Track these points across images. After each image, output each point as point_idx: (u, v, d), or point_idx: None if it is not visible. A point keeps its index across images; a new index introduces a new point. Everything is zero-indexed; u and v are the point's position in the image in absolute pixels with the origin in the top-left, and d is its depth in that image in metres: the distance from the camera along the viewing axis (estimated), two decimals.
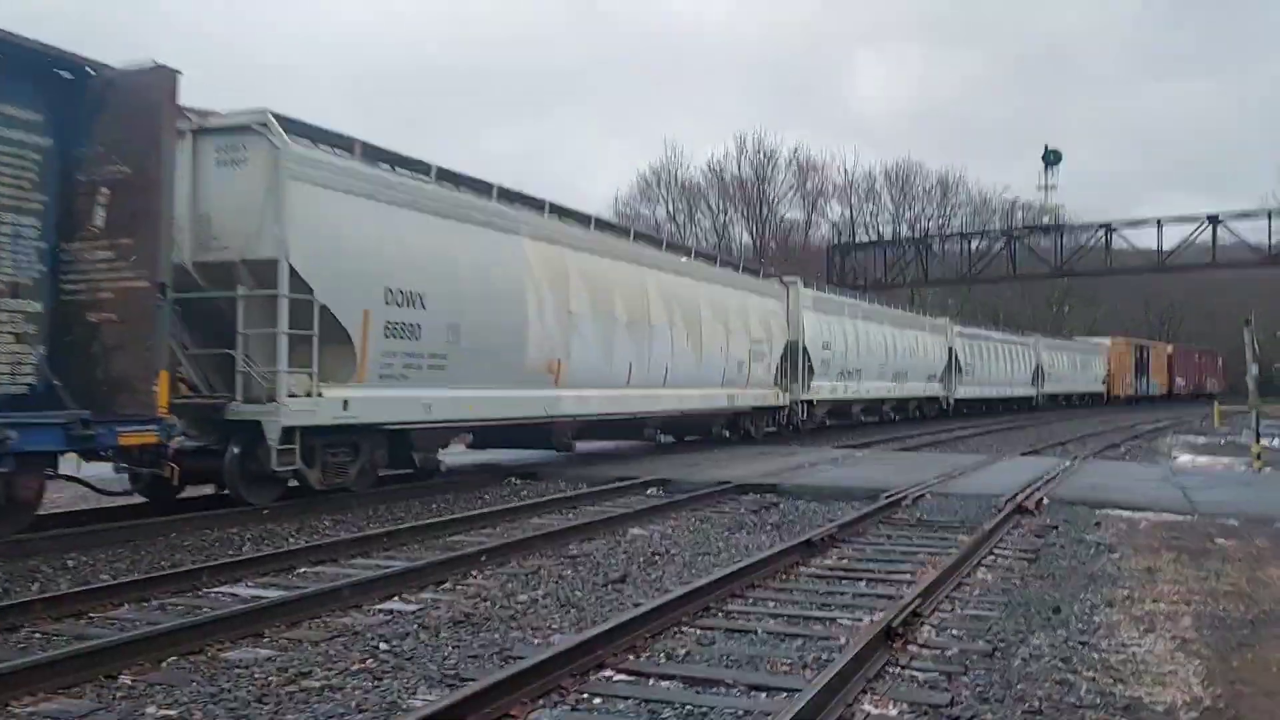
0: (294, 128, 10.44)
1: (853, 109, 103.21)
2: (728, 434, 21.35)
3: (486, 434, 15.55)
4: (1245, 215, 39.06)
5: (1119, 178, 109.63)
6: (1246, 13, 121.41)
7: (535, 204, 14.57)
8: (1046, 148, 45.40)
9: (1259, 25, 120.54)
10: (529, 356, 13.69)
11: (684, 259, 19.20)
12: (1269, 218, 38.62)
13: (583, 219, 16.05)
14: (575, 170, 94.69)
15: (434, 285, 11.83)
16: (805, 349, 23.96)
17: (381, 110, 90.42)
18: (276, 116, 10.19)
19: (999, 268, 45.53)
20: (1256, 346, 18.70)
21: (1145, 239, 41.52)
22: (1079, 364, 53.01)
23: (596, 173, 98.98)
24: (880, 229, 61.63)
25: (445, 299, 12.00)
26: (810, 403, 24.51)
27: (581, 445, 17.20)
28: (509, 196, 13.87)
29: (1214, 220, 37.90)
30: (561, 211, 15.32)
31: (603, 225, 16.79)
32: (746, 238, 61.66)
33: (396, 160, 11.96)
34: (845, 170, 66.87)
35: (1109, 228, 40.91)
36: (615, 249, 16.46)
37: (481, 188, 13.35)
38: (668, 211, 61.75)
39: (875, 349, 29.03)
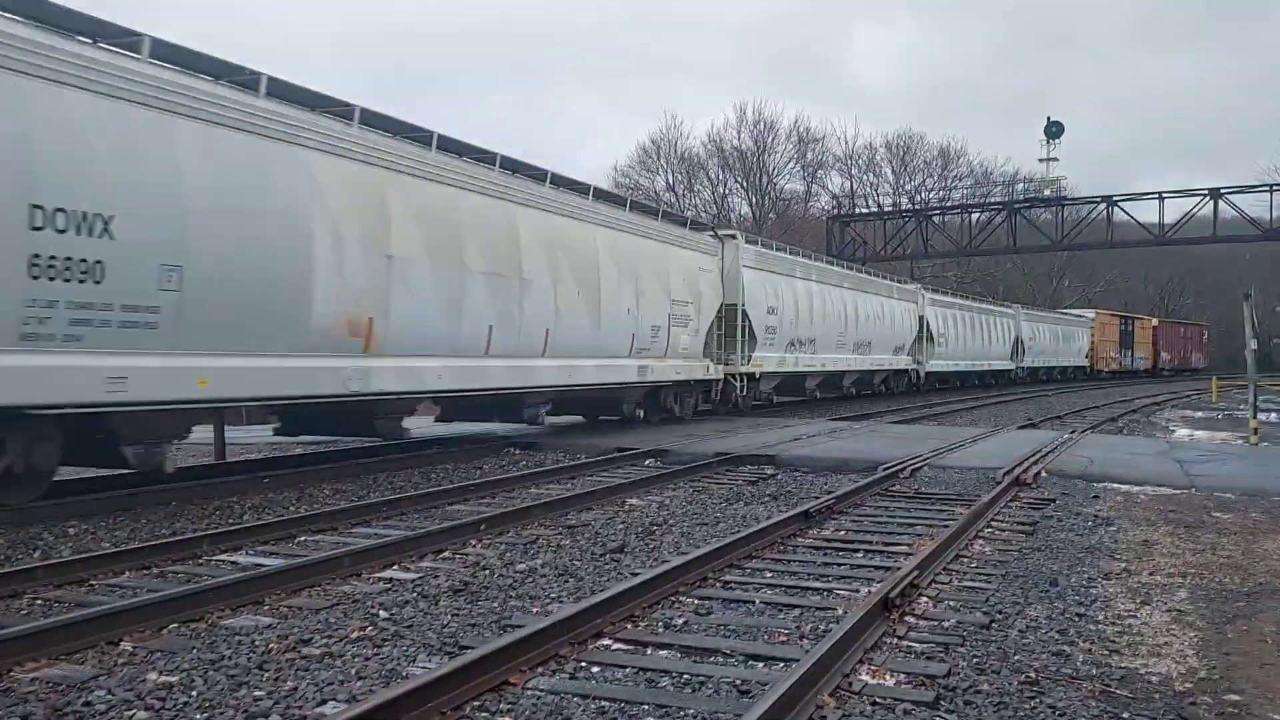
0: None
1: (851, 83, 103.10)
2: (642, 414, 17.91)
3: (289, 416, 12.28)
4: (1246, 189, 38.91)
5: (1118, 151, 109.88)
6: None
7: (338, 109, 10.90)
8: (1049, 119, 44.84)
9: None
10: (316, 314, 10.24)
11: (579, 199, 15.32)
12: (1270, 192, 38.49)
13: (421, 137, 12.16)
14: (575, 139, 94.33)
15: (133, 206, 8.43)
16: (746, 314, 20.67)
17: (380, 74, 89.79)
18: None
19: (999, 240, 45.40)
20: (1256, 320, 18.68)
21: (1146, 213, 41.39)
22: (1061, 337, 51.35)
23: (596, 142, 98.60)
24: (880, 200, 61.45)
25: (153, 227, 8.61)
26: (752, 376, 21.33)
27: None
28: (286, 94, 10.22)
29: (1215, 194, 37.76)
30: (382, 124, 11.56)
31: (452, 147, 12.73)
32: (746, 209, 61.50)
33: (63, 16, 8.39)
34: (845, 141, 66.54)
35: (1110, 201, 40.75)
36: (471, 179, 12.78)
37: (239, 79, 9.72)
38: (667, 182, 61.49)
39: (833, 316, 26.03)
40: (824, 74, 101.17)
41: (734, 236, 21.30)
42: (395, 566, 6.76)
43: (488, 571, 6.67)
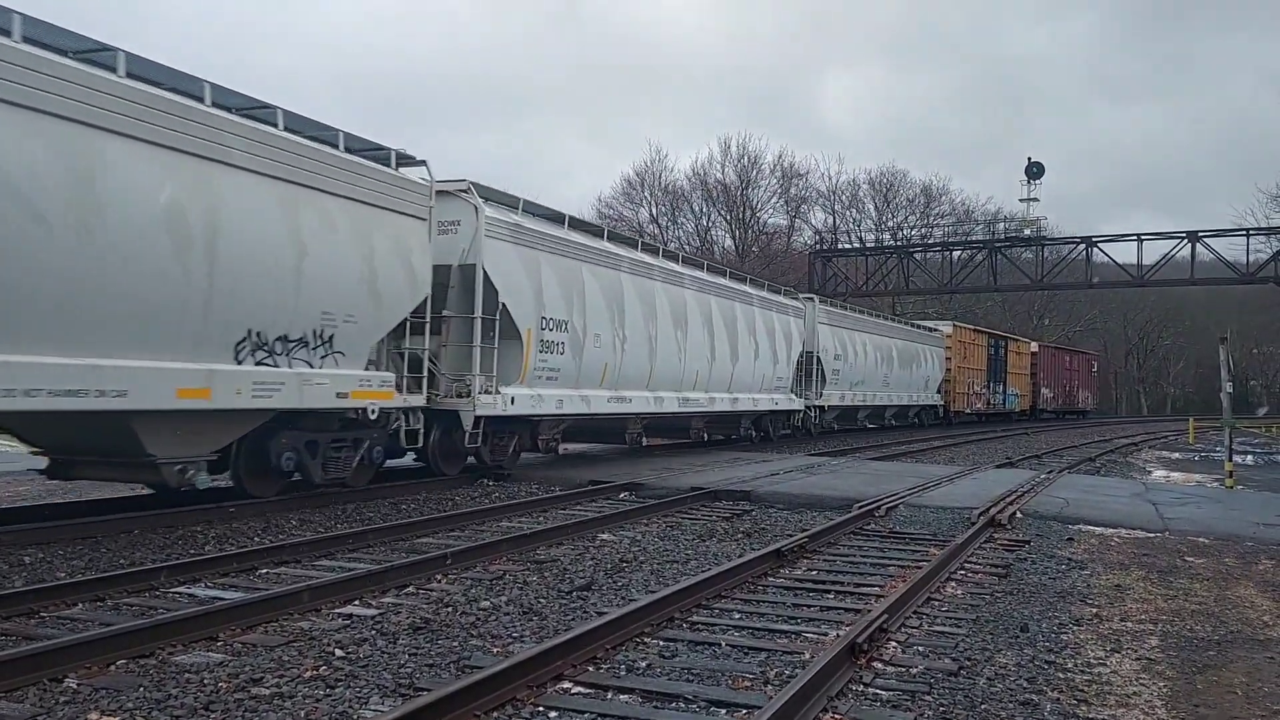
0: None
1: (825, 125, 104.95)
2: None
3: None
4: (1223, 233, 39.32)
5: (1083, 195, 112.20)
6: (1194, 41, 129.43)
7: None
8: (1029, 160, 45.17)
9: (1206, 52, 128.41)
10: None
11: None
12: (1248, 236, 38.92)
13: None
14: (557, 174, 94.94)
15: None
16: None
17: (368, 111, 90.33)
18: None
19: (980, 278, 45.66)
20: (1232, 363, 18.79)
21: (1124, 254, 41.74)
22: (897, 359, 33.45)
23: (579, 176, 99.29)
24: (863, 236, 61.76)
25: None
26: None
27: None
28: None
29: (1193, 237, 38.13)
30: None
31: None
32: (729, 242, 61.67)
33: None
34: (829, 177, 67.00)
35: (1089, 242, 41.09)
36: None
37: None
38: (650, 214, 61.67)
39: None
40: (797, 117, 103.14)
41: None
42: (356, 602, 6.62)
43: (450, 609, 6.54)
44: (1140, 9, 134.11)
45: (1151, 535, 10.97)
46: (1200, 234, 38.34)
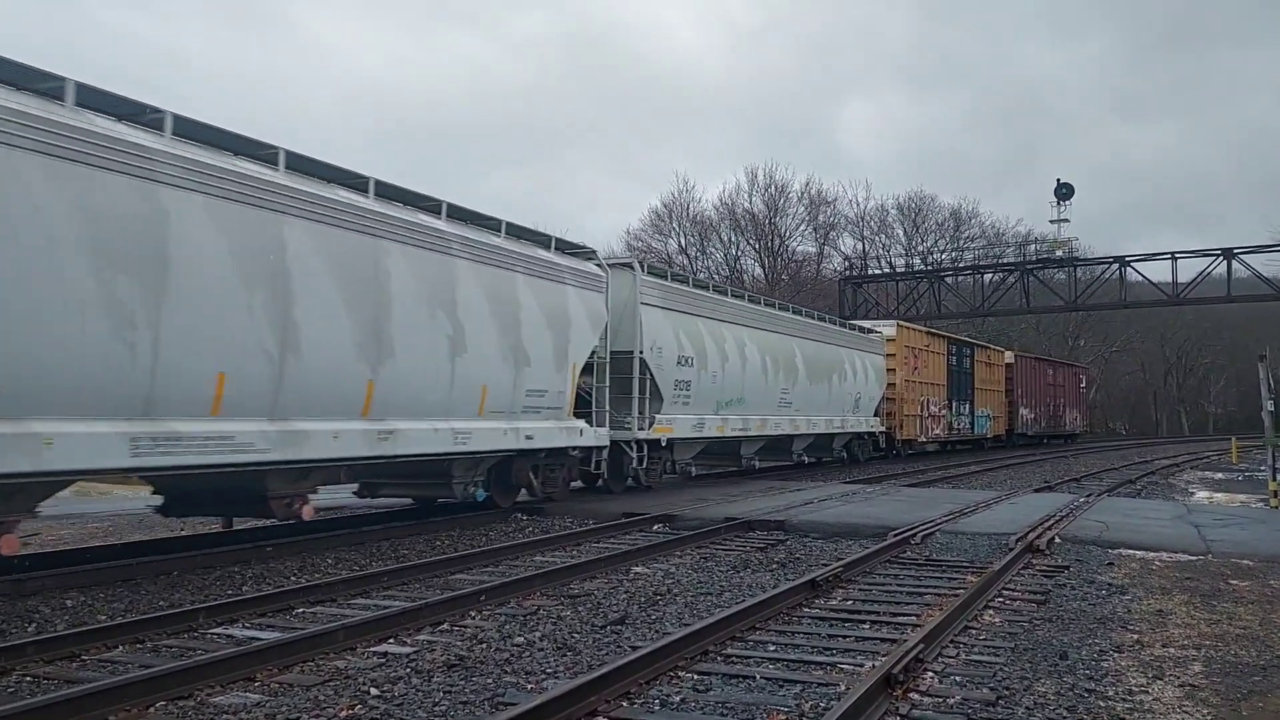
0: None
1: (848, 153, 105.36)
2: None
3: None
4: (1260, 249, 38.84)
5: (1109, 215, 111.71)
6: (1208, 58, 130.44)
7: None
8: (1059, 181, 45.02)
9: (1220, 70, 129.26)
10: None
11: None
12: None
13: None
14: (585, 207, 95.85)
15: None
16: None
17: (396, 154, 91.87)
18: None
19: (1013, 300, 45.37)
20: (1272, 381, 18.51)
21: (1158, 273, 41.35)
22: (804, 369, 23.26)
23: (605, 210, 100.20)
24: (893, 261, 61.57)
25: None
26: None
27: None
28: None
29: (1228, 254, 37.70)
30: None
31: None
32: (759, 270, 61.69)
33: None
34: (857, 203, 66.98)
35: (1122, 261, 40.73)
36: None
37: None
38: (679, 244, 61.88)
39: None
40: (820, 145, 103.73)
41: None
42: (391, 640, 6.66)
43: (484, 645, 6.56)
44: (1152, 29, 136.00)
45: (1194, 558, 10.78)
46: (1236, 250, 37.89)
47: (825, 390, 24.58)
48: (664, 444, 17.83)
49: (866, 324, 30.29)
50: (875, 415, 28.44)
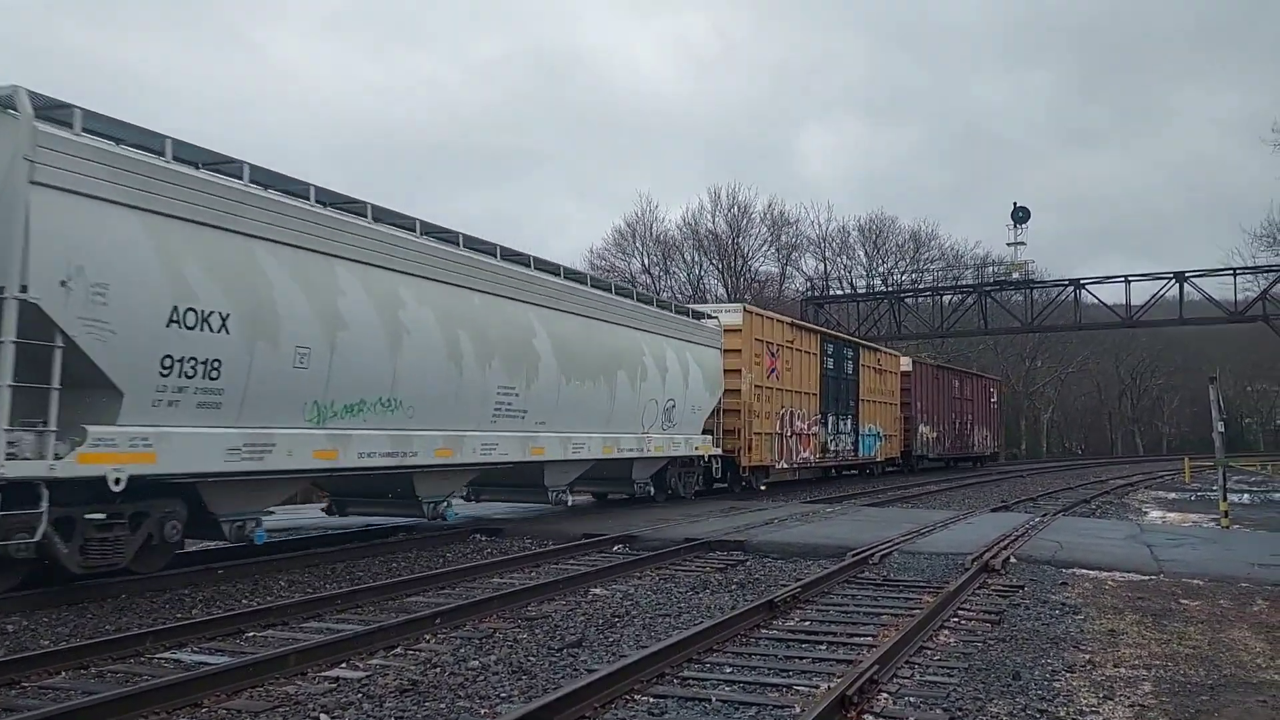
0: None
1: (807, 177, 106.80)
2: None
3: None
4: (1210, 273, 39.62)
5: (1061, 239, 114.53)
6: (1150, 91, 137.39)
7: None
8: (1015, 205, 45.82)
9: (1162, 102, 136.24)
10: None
11: None
12: (1234, 274, 39.22)
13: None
14: (550, 227, 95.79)
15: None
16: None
17: (360, 174, 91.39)
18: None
19: (971, 322, 45.88)
20: (1222, 402, 18.84)
21: (1112, 295, 41.99)
22: (573, 364, 14.74)
23: (571, 230, 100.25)
24: (854, 282, 62.07)
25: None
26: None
27: None
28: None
29: (1180, 277, 38.44)
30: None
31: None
32: (721, 290, 61.90)
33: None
34: (819, 224, 67.56)
35: (1077, 284, 41.40)
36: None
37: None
38: (643, 264, 62.01)
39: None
40: (780, 170, 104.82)
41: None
42: (343, 664, 6.56)
43: (438, 669, 6.48)
44: (1096, 61, 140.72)
45: (1146, 578, 10.92)
46: (1187, 274, 38.64)
47: (604, 394, 15.71)
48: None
49: (706, 308, 22.06)
50: (706, 433, 20.04)
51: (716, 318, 21.13)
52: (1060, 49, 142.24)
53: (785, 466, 24.54)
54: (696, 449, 19.73)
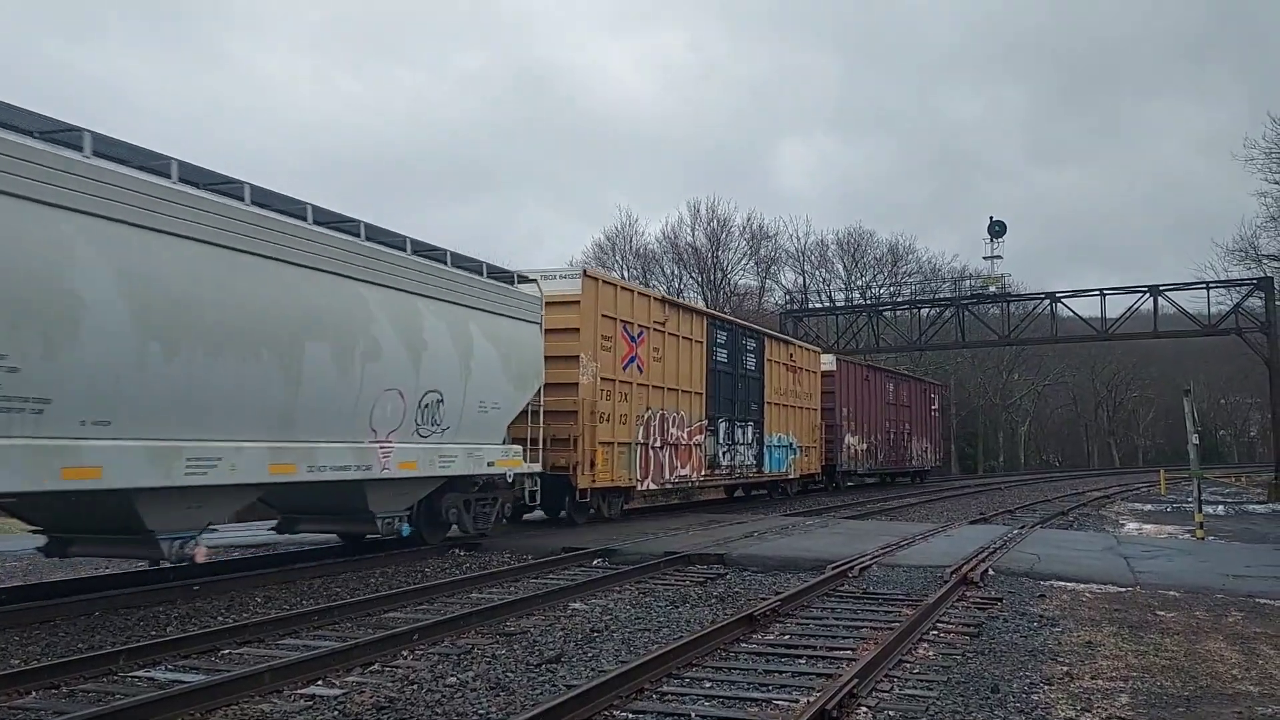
0: None
1: (783, 191, 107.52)
2: None
3: None
4: (1184, 286, 40.01)
5: (1036, 253, 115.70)
6: (1118, 107, 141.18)
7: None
8: (991, 219, 46.33)
9: (1130, 118, 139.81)
10: None
11: None
12: (1208, 288, 39.64)
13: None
14: (529, 239, 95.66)
15: None
16: None
17: (340, 186, 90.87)
18: None
19: (949, 335, 46.13)
20: (1196, 414, 19.04)
21: (1088, 309, 42.43)
22: (237, 335, 9.05)
23: (549, 243, 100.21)
24: (833, 295, 62.35)
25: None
26: None
27: None
28: None
29: (1154, 291, 38.80)
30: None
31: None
32: (701, 303, 62.07)
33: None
34: (798, 238, 67.86)
35: (1053, 297, 41.72)
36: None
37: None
38: (622, 277, 62.04)
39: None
40: (757, 183, 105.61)
41: None
42: (319, 682, 6.50)
43: (416, 686, 6.43)
44: (1064, 79, 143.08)
45: (1123, 590, 10.98)
46: (1162, 287, 39.01)
47: (274, 378, 9.72)
48: None
49: (530, 272, 15.34)
50: (516, 442, 14.40)
51: (535, 281, 14.97)
52: (1034, 66, 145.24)
53: (654, 487, 19.39)
54: (492, 465, 13.65)
